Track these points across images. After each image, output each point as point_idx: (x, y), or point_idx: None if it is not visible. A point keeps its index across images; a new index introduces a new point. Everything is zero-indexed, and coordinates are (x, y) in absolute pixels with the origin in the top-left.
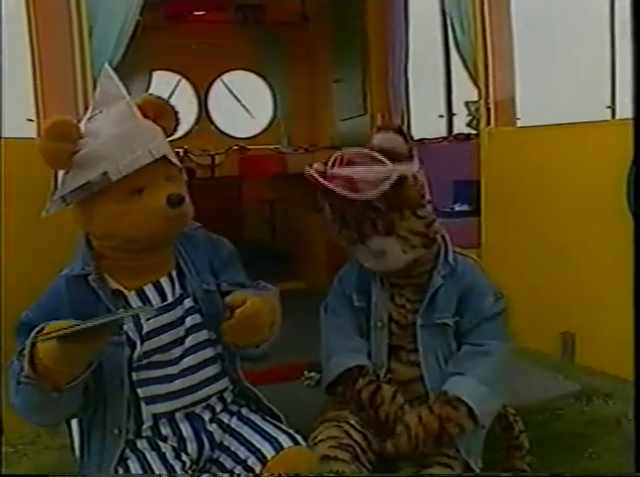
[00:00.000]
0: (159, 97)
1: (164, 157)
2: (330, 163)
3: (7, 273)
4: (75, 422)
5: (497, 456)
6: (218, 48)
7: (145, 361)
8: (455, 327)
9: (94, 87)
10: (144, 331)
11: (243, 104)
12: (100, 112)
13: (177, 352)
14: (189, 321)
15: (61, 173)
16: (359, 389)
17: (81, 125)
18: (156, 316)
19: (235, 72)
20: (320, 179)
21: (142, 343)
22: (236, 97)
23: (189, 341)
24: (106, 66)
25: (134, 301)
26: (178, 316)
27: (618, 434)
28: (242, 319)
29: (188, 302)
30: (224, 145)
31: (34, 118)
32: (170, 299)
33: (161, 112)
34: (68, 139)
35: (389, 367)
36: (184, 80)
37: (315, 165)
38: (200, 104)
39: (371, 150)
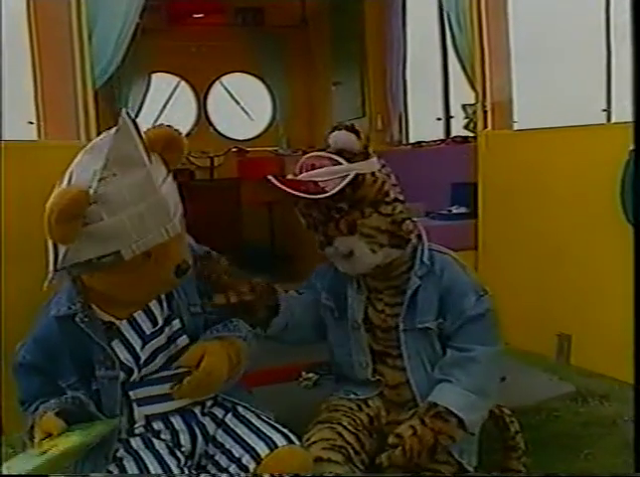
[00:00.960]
0: (171, 128)
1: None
2: (296, 170)
3: (7, 276)
4: None
5: (494, 457)
6: (217, 50)
7: (141, 382)
8: (438, 330)
9: (94, 91)
10: (141, 361)
11: (242, 107)
12: (114, 176)
13: (171, 370)
14: (180, 342)
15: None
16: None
17: (93, 185)
18: (150, 341)
19: (234, 74)
20: (277, 183)
21: (140, 370)
22: (235, 100)
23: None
24: (125, 118)
25: (126, 329)
26: (168, 336)
27: (614, 435)
28: (193, 385)
29: (176, 323)
30: (223, 147)
31: (34, 121)
32: (160, 322)
33: (170, 144)
34: (78, 217)
35: (375, 369)
36: (183, 83)
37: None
38: (199, 106)
39: (327, 151)
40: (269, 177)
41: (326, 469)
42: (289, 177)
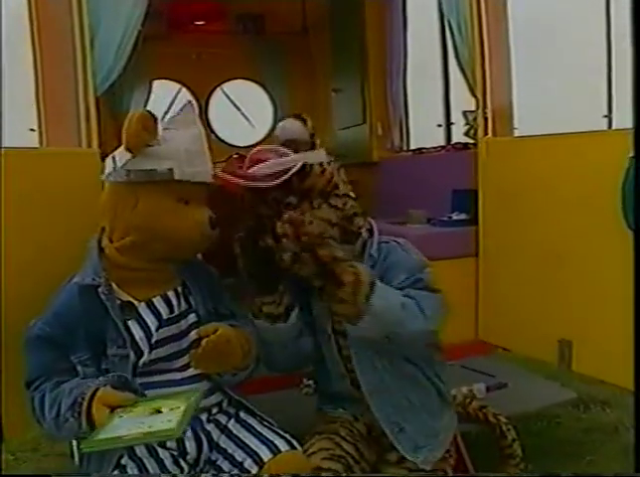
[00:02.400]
0: None
1: (209, 184)
2: (245, 165)
3: (9, 281)
4: None
5: (491, 465)
6: (218, 57)
7: (150, 367)
8: None
9: (96, 98)
10: (153, 340)
11: (243, 113)
12: (176, 129)
13: (180, 362)
14: (192, 335)
15: (124, 155)
16: None
17: (159, 129)
18: (165, 326)
19: (235, 81)
20: (225, 177)
21: (150, 351)
22: (236, 106)
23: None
24: (193, 102)
25: (144, 312)
26: (182, 329)
27: (616, 442)
28: (210, 347)
29: (192, 317)
30: (224, 154)
31: (36, 128)
32: (176, 312)
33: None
34: (150, 131)
35: (352, 379)
36: (184, 89)
37: (224, 167)
38: (200, 113)
39: (275, 145)
40: (218, 173)
41: None
42: (236, 171)
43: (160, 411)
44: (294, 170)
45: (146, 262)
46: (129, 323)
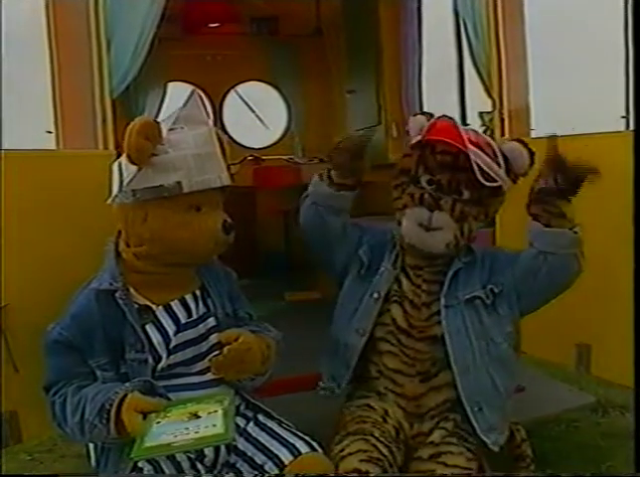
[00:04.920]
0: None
1: (225, 187)
2: (464, 134)
3: (25, 283)
4: None
5: (503, 469)
6: (232, 59)
7: (169, 372)
8: (487, 299)
9: (112, 101)
10: (172, 345)
11: (258, 115)
12: (182, 128)
13: (199, 366)
14: (212, 339)
15: (131, 168)
16: None
17: (164, 132)
18: (183, 331)
19: (249, 83)
20: (460, 144)
21: (168, 356)
22: (250, 108)
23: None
24: (198, 91)
25: (162, 316)
26: (201, 333)
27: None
28: (232, 355)
29: (211, 321)
30: (238, 155)
31: (53, 130)
32: (194, 316)
33: (223, 145)
34: (152, 140)
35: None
36: (198, 91)
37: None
38: (214, 115)
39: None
40: (451, 136)
41: None
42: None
43: (198, 416)
44: (495, 184)
45: (163, 267)
46: (147, 327)
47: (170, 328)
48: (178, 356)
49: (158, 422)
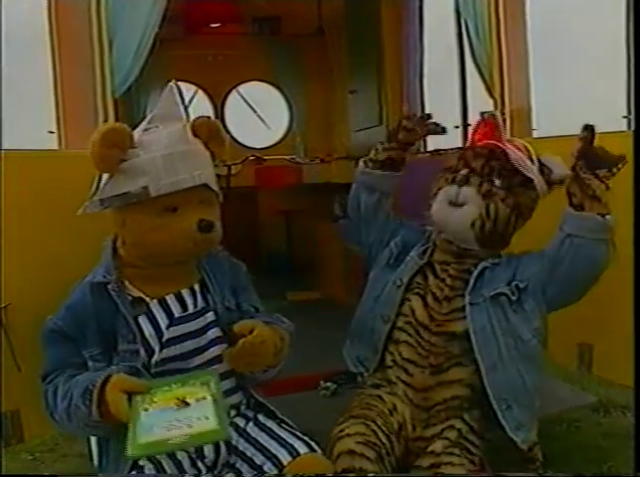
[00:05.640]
0: (211, 119)
1: (204, 183)
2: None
3: (27, 281)
4: None
5: (510, 469)
6: (234, 59)
7: (165, 367)
8: (513, 295)
9: (114, 101)
10: (164, 338)
11: (259, 115)
12: (157, 127)
13: (197, 360)
14: (211, 333)
15: (105, 176)
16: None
17: (136, 134)
18: (177, 325)
19: (250, 82)
20: (497, 142)
21: (161, 349)
22: (252, 108)
23: (209, 353)
24: (172, 84)
25: (155, 309)
26: (199, 327)
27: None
28: (246, 348)
29: (210, 316)
30: (240, 155)
31: (55, 130)
32: (191, 310)
33: (214, 135)
34: (119, 147)
35: (420, 334)
36: (200, 91)
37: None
38: (216, 115)
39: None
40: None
41: (356, 464)
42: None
43: (187, 402)
44: (526, 174)
45: (156, 265)
46: (140, 319)
47: (163, 321)
48: (173, 350)
49: (146, 410)
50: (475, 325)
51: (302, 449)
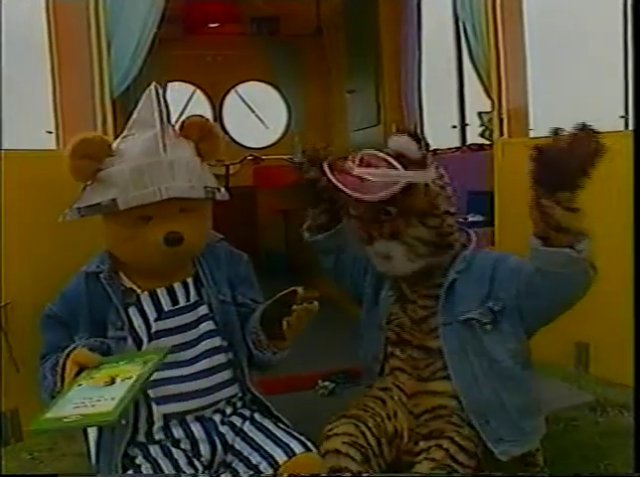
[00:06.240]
0: (203, 118)
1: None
2: (349, 161)
3: (26, 279)
4: (91, 430)
5: (510, 471)
6: (232, 59)
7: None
8: (486, 319)
9: (112, 101)
10: (152, 330)
11: (258, 115)
12: (133, 135)
13: (189, 354)
14: (203, 327)
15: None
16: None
17: (116, 143)
18: (165, 319)
19: (249, 83)
20: (330, 175)
21: (150, 341)
22: (250, 108)
23: (203, 345)
24: (152, 89)
25: (146, 301)
26: (191, 320)
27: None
28: (301, 314)
29: (202, 309)
30: (238, 155)
31: (53, 131)
32: (182, 303)
33: (205, 134)
34: (93, 157)
35: (386, 365)
36: (199, 91)
37: (332, 160)
38: (214, 115)
39: (386, 154)
40: (325, 168)
41: (342, 463)
42: (344, 169)
43: (114, 380)
44: (398, 187)
45: (122, 255)
46: (130, 310)
47: (151, 314)
48: (161, 343)
49: (80, 385)
50: (448, 346)
51: (298, 449)
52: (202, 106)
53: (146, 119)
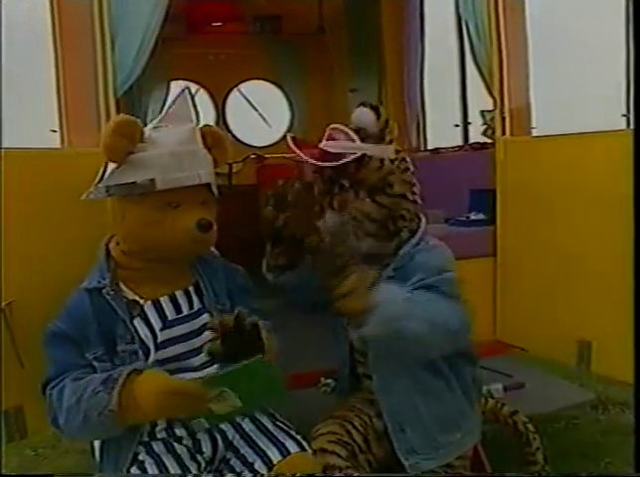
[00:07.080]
0: (216, 128)
1: (206, 184)
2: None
3: (29, 280)
4: None
5: (511, 469)
6: (235, 58)
7: (162, 368)
8: None
9: (116, 100)
10: (158, 340)
11: (260, 113)
12: (166, 126)
13: (195, 361)
14: (206, 335)
15: (111, 166)
16: None
17: (146, 130)
18: (170, 327)
19: (252, 81)
20: (295, 148)
21: (156, 350)
22: (253, 107)
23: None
24: (189, 88)
25: (150, 311)
26: (194, 328)
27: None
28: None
29: (205, 317)
30: (241, 154)
31: (57, 129)
32: (185, 312)
33: (218, 143)
34: (130, 138)
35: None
36: (202, 90)
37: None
38: (217, 114)
39: (346, 126)
40: (289, 139)
41: (328, 460)
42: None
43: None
44: (352, 157)
45: (147, 263)
46: (135, 321)
47: (156, 324)
48: (167, 351)
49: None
50: (371, 345)
51: (293, 448)
52: (205, 105)
53: (182, 114)
